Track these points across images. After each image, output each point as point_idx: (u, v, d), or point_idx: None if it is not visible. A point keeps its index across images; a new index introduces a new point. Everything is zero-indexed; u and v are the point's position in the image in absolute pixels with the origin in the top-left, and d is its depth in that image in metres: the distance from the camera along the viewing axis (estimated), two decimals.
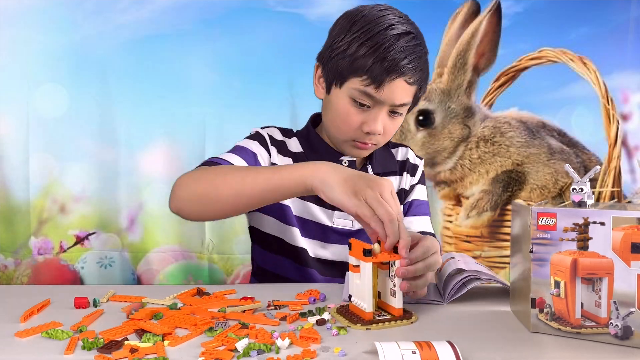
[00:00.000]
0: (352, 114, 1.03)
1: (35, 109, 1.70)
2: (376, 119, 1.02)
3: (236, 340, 0.70)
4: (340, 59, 1.02)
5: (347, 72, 1.01)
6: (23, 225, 1.72)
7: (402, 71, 0.99)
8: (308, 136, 1.15)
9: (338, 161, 1.11)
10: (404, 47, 0.99)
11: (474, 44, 1.80)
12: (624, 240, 0.68)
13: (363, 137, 1.05)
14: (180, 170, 1.76)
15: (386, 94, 1.00)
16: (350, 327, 0.77)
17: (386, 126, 1.04)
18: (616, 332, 0.69)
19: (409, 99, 1.04)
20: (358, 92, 1.01)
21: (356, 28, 1.01)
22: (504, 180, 1.85)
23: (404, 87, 1.01)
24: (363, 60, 0.99)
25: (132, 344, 0.69)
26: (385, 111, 1.03)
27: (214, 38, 1.74)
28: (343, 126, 1.05)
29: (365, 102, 1.02)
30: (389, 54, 0.98)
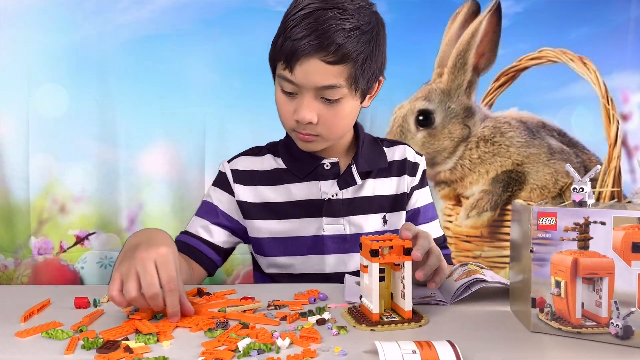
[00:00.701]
0: (283, 103, 1.01)
1: (35, 109, 1.70)
2: (301, 105, 0.97)
3: (237, 340, 0.70)
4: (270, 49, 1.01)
5: (272, 60, 1.00)
6: (23, 225, 1.72)
7: (308, 50, 0.92)
8: (288, 143, 1.12)
9: (320, 165, 1.09)
10: (312, 23, 0.93)
11: (474, 44, 1.80)
12: (625, 239, 0.68)
13: (298, 127, 1.00)
14: (180, 170, 1.77)
15: (300, 76, 0.95)
16: (355, 327, 0.76)
17: (322, 115, 0.98)
18: (617, 332, 0.69)
19: (335, 80, 0.95)
20: (281, 78, 0.99)
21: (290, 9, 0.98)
22: (504, 180, 1.85)
23: (322, 67, 0.94)
24: (278, 42, 0.97)
25: (127, 343, 0.69)
26: (311, 96, 0.97)
27: (214, 38, 1.74)
28: (281, 117, 1.03)
29: (287, 89, 0.98)
30: (293, 33, 0.93)
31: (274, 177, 1.11)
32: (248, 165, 1.13)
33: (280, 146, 1.14)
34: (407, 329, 0.77)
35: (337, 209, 1.09)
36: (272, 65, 1.02)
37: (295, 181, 1.10)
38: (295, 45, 0.93)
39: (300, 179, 1.10)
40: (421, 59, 1.80)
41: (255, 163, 1.13)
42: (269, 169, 1.12)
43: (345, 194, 1.09)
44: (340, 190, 1.08)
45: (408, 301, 0.78)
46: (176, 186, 1.75)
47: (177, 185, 1.75)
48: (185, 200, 1.75)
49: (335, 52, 0.93)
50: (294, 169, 1.10)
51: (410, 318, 0.78)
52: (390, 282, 0.83)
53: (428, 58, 1.81)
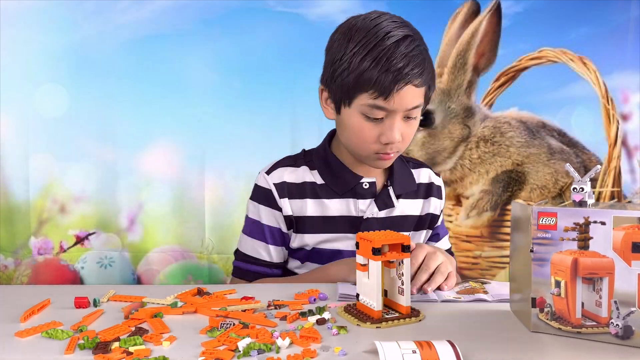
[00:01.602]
0: (366, 129, 1.02)
1: (35, 109, 1.70)
2: (392, 128, 1.01)
3: (237, 340, 0.70)
4: (344, 78, 1.01)
5: (353, 90, 1.01)
6: (23, 225, 1.72)
7: (409, 78, 0.98)
8: (326, 159, 1.14)
9: (359, 184, 1.12)
10: (404, 52, 0.98)
11: (474, 44, 1.80)
12: (625, 239, 0.68)
13: (384, 149, 1.04)
14: (180, 170, 1.77)
15: (397, 102, 0.99)
16: (359, 326, 0.76)
17: (403, 132, 1.03)
18: (617, 332, 0.69)
19: (420, 100, 1.02)
20: (368, 107, 1.00)
21: (353, 44, 1.00)
22: (504, 180, 1.85)
23: (413, 91, 1.00)
24: (367, 74, 0.98)
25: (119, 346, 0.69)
26: (400, 118, 1.02)
27: (214, 38, 1.74)
28: (361, 143, 1.05)
29: (377, 116, 1.01)
30: (392, 64, 0.97)
31: (312, 190, 1.12)
32: (287, 177, 1.13)
33: (318, 160, 1.15)
34: (409, 324, 0.78)
35: (373, 227, 1.11)
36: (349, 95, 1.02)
37: (333, 197, 1.12)
38: (398, 76, 0.97)
39: (338, 195, 1.12)
40: None
41: (293, 175, 1.14)
42: (306, 181, 1.13)
43: (380, 213, 1.13)
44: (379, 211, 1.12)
45: (407, 297, 0.79)
46: (176, 186, 1.75)
47: (177, 185, 1.75)
48: (185, 200, 1.75)
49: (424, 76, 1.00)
50: (333, 185, 1.12)
51: (409, 313, 0.79)
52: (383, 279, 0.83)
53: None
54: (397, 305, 0.80)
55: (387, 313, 0.80)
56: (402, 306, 0.79)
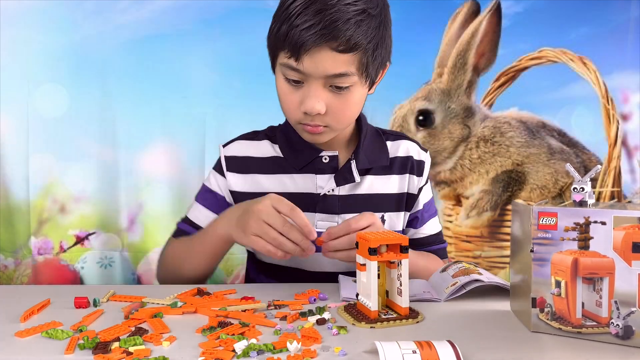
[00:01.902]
0: (288, 93, 0.96)
1: (35, 109, 1.70)
2: (309, 95, 0.92)
3: (235, 341, 0.70)
4: (270, 35, 0.96)
5: (274, 46, 0.95)
6: (23, 225, 1.72)
7: (321, 40, 0.87)
8: (287, 132, 1.08)
9: (318, 157, 1.05)
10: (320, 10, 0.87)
11: (474, 44, 1.80)
12: (625, 239, 0.68)
13: (305, 119, 0.96)
14: (180, 170, 1.77)
15: (309, 66, 0.90)
16: (354, 325, 0.76)
17: (330, 104, 0.94)
18: (617, 332, 0.69)
19: (346, 68, 0.91)
20: (285, 67, 0.94)
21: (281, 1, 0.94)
22: (504, 180, 1.85)
23: (333, 56, 0.89)
24: (282, 29, 0.90)
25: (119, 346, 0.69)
26: (319, 85, 0.92)
27: (214, 38, 1.74)
28: (285, 109, 0.99)
29: (293, 77, 0.93)
30: (300, 21, 0.88)
31: (270, 165, 1.08)
32: (243, 150, 1.10)
33: (279, 133, 1.10)
34: (405, 325, 0.77)
35: (332, 205, 1.05)
36: (273, 53, 0.97)
37: (292, 172, 1.07)
38: (303, 35, 0.88)
39: (297, 170, 1.06)
40: (421, 59, 1.80)
41: (250, 148, 1.10)
42: (266, 155, 1.09)
43: (341, 190, 1.06)
44: (337, 187, 1.05)
45: (405, 298, 0.79)
46: (176, 186, 1.75)
47: (177, 185, 1.75)
48: (185, 200, 1.75)
49: (346, 41, 0.88)
50: (291, 160, 1.07)
51: (407, 314, 0.79)
52: (385, 279, 0.83)
53: (428, 58, 1.81)
54: (397, 306, 0.80)
55: (386, 313, 0.80)
56: (401, 307, 0.79)
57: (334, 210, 1.06)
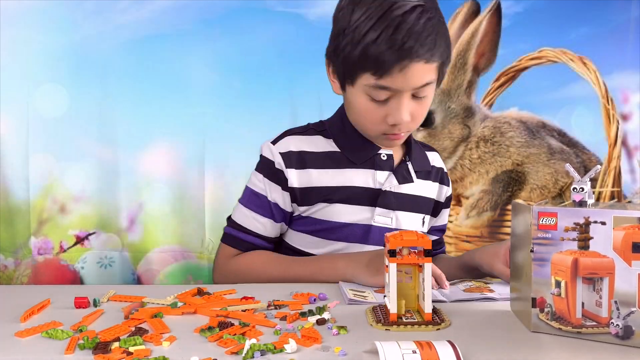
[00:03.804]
0: (371, 111, 0.97)
1: (35, 109, 1.70)
2: (399, 109, 0.95)
3: (236, 341, 0.70)
4: (347, 53, 0.94)
5: (356, 68, 0.94)
6: (23, 225, 1.72)
7: (414, 55, 0.90)
8: (344, 129, 1.07)
9: (377, 154, 1.06)
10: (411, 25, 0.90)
11: (474, 44, 1.80)
12: (625, 239, 0.68)
13: (391, 129, 0.99)
14: (180, 170, 1.77)
15: (402, 82, 0.92)
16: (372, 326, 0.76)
17: (413, 112, 0.97)
18: (617, 332, 0.69)
19: (431, 77, 0.95)
20: (372, 88, 0.94)
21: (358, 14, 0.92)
22: (504, 180, 1.85)
23: (422, 68, 0.92)
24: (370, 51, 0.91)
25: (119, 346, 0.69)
26: (407, 98, 0.96)
27: (214, 38, 1.74)
28: (367, 124, 1.00)
29: (381, 97, 0.95)
30: (396, 40, 0.89)
31: (328, 159, 1.07)
32: (298, 145, 1.07)
33: (333, 129, 1.09)
34: (423, 331, 0.75)
35: (390, 201, 1.07)
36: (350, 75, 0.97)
37: (350, 166, 1.07)
38: (400, 53, 0.90)
39: (356, 165, 1.07)
40: None
41: (304, 143, 1.08)
42: (323, 150, 1.08)
43: (395, 188, 1.08)
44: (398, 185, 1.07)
45: (428, 303, 0.77)
46: (176, 186, 1.75)
47: (177, 185, 1.75)
48: (185, 200, 1.75)
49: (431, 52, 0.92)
50: (351, 155, 1.07)
51: (429, 320, 0.77)
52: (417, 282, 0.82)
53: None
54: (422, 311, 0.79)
55: (410, 317, 0.79)
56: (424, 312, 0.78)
57: (391, 206, 1.08)
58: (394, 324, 0.76)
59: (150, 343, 0.71)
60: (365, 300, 0.89)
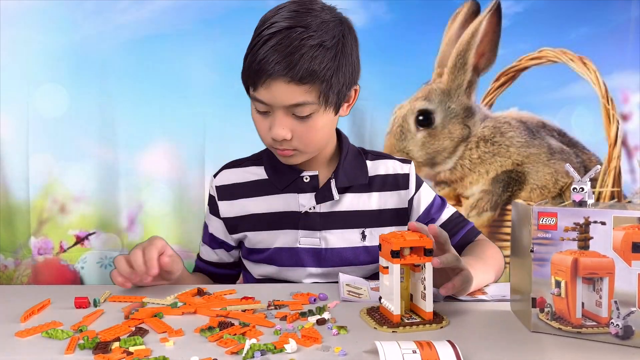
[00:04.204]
0: (258, 121, 1.02)
1: (35, 109, 1.70)
2: (274, 123, 0.98)
3: (236, 341, 0.70)
4: (242, 70, 1.01)
5: (243, 80, 1.01)
6: (23, 225, 1.72)
7: (270, 72, 0.93)
8: (271, 154, 1.10)
9: (299, 177, 1.09)
10: (274, 45, 0.93)
11: (474, 44, 1.80)
12: (625, 239, 0.68)
13: (275, 144, 1.01)
14: (180, 170, 1.77)
15: (268, 97, 0.96)
16: (376, 329, 0.76)
17: (295, 130, 0.98)
18: (617, 332, 0.69)
19: (304, 98, 0.95)
20: (253, 100, 1.00)
21: (254, 31, 1.00)
22: (504, 180, 1.85)
23: (288, 87, 0.94)
24: (245, 65, 0.99)
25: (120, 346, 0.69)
26: (282, 114, 0.97)
27: (214, 38, 1.73)
28: (260, 134, 1.04)
29: (260, 108, 0.99)
30: (257, 56, 0.95)
31: (255, 188, 1.12)
32: (231, 178, 1.14)
33: (265, 156, 1.14)
34: (428, 330, 0.76)
35: (313, 222, 1.08)
36: (245, 85, 1.03)
37: (275, 192, 1.10)
38: (261, 67, 0.94)
39: (280, 190, 1.10)
40: (421, 59, 1.80)
41: (237, 175, 1.14)
42: (251, 179, 1.13)
43: (322, 208, 1.08)
44: (317, 204, 1.08)
45: (429, 302, 0.77)
46: (176, 186, 1.75)
47: (177, 185, 1.75)
48: (185, 200, 1.75)
49: (300, 72, 0.93)
50: (274, 181, 1.11)
51: (431, 319, 0.77)
52: (409, 282, 0.82)
53: (428, 58, 1.81)
54: (421, 310, 0.79)
55: (409, 318, 0.79)
56: (424, 311, 0.78)
57: (316, 227, 1.09)
58: (400, 326, 0.75)
59: (151, 343, 0.71)
60: (359, 299, 0.89)
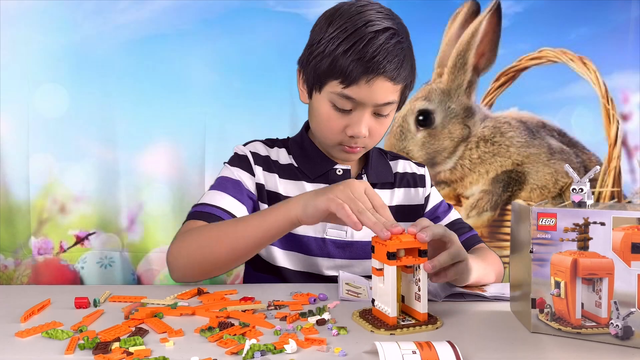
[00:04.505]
0: (333, 119, 1.00)
1: (35, 109, 1.70)
2: (359, 121, 0.99)
3: (236, 341, 0.70)
4: (318, 62, 0.99)
5: (325, 75, 0.98)
6: (23, 225, 1.72)
7: (382, 70, 0.95)
8: (302, 144, 1.12)
9: (332, 169, 1.09)
10: (382, 44, 0.95)
11: (474, 44, 1.80)
12: (624, 240, 0.68)
13: (349, 141, 1.02)
14: (180, 170, 1.77)
15: (366, 94, 0.96)
16: (373, 332, 0.75)
17: (372, 128, 1.01)
18: (617, 332, 0.69)
19: (394, 97, 1.00)
20: (337, 96, 0.98)
21: (333, 28, 0.97)
22: (504, 180, 1.85)
23: (386, 86, 0.97)
24: (340, 61, 0.95)
25: (120, 347, 0.69)
26: (369, 113, 0.99)
27: (214, 38, 1.74)
28: (327, 132, 1.03)
29: (344, 106, 0.98)
30: (366, 53, 0.94)
31: (288, 171, 1.11)
32: (264, 151, 1.13)
33: (293, 144, 1.14)
34: (425, 331, 0.76)
35: None
36: (319, 80, 1.00)
37: (306, 180, 1.10)
38: (373, 64, 0.94)
39: (310, 179, 1.10)
40: (421, 59, 1.78)
41: (270, 151, 1.13)
42: (283, 162, 1.12)
43: None
44: None
45: (424, 304, 0.77)
46: (176, 186, 1.75)
47: (177, 185, 1.75)
48: (185, 200, 1.75)
49: (402, 74, 0.97)
50: (306, 169, 1.10)
51: (426, 320, 0.77)
52: (400, 284, 0.82)
53: (428, 58, 1.81)
54: (414, 312, 0.79)
55: (403, 319, 0.78)
56: (419, 313, 0.77)
57: None
58: (397, 328, 0.75)
59: (151, 343, 0.71)
60: (357, 298, 0.89)
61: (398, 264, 0.76)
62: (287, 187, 1.10)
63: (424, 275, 0.77)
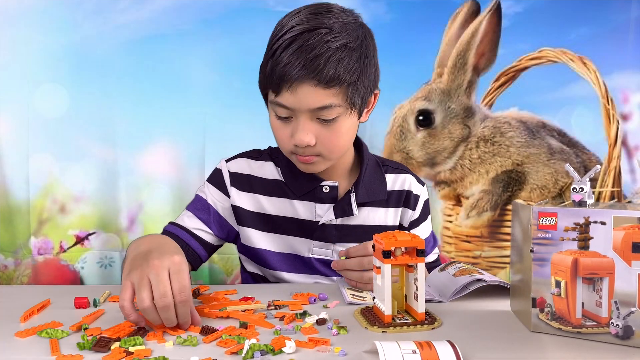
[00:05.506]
0: (279, 128, 0.99)
1: (35, 109, 1.70)
2: (297, 128, 0.95)
3: (235, 341, 0.70)
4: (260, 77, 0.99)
5: (262, 86, 0.99)
6: (23, 225, 1.72)
7: (296, 76, 0.91)
8: (288, 161, 1.07)
9: (319, 186, 1.06)
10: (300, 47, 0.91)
11: (474, 44, 1.80)
12: (625, 239, 0.68)
13: (297, 150, 0.98)
14: (180, 170, 1.77)
15: (294, 101, 0.93)
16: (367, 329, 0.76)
17: (320, 135, 0.96)
18: (617, 332, 0.69)
19: (331, 100, 0.93)
20: (274, 105, 0.97)
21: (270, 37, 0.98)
22: (504, 180, 1.85)
23: (315, 90, 0.92)
24: (265, 72, 0.96)
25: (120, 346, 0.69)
26: (306, 118, 0.95)
27: (214, 38, 1.74)
28: (279, 141, 1.01)
29: (282, 114, 0.96)
30: (282, 58, 0.91)
31: (272, 187, 1.08)
32: (247, 169, 1.10)
33: (281, 158, 1.09)
34: (419, 331, 0.76)
35: (329, 234, 1.07)
36: (263, 92, 1.01)
37: (292, 197, 1.08)
38: (285, 71, 0.91)
39: (297, 196, 1.07)
40: (421, 59, 1.80)
41: (254, 168, 1.10)
42: (269, 177, 1.09)
43: (339, 220, 1.07)
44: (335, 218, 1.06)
45: (421, 303, 0.77)
46: (176, 186, 1.75)
47: (177, 185, 1.75)
48: (185, 200, 1.73)
49: (326, 75, 0.91)
50: (292, 186, 1.07)
51: (423, 320, 0.77)
52: (404, 283, 0.82)
53: (428, 58, 1.81)
54: (414, 311, 0.79)
55: (402, 318, 0.79)
56: (417, 312, 0.78)
57: (331, 239, 1.08)
58: (390, 326, 0.76)
59: (151, 343, 0.71)
60: (364, 302, 0.89)
61: (393, 263, 0.76)
62: (276, 205, 1.08)
63: (422, 274, 0.77)
